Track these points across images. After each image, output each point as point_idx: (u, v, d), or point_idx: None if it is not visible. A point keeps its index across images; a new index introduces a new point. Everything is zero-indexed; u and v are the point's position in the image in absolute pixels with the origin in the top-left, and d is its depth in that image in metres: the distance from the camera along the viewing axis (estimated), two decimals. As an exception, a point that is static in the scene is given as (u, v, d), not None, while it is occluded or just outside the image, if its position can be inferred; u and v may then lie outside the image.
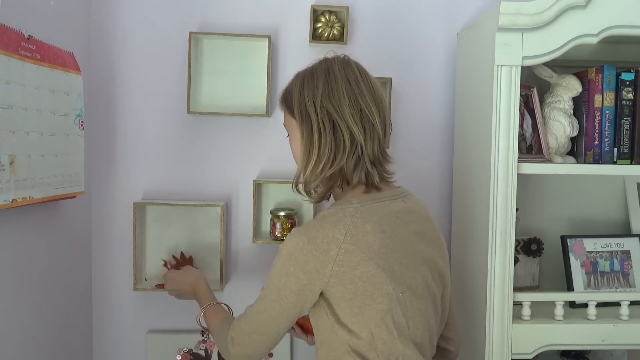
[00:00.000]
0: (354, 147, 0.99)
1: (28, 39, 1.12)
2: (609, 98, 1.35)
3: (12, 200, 1.07)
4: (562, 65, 1.45)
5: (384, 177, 1.05)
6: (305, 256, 0.94)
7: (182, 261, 1.54)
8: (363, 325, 0.95)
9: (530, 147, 1.39)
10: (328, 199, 1.08)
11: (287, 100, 1.06)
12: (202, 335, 1.24)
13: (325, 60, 1.05)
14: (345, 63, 1.03)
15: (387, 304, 0.95)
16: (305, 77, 1.03)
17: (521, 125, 1.35)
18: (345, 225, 0.95)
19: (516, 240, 1.51)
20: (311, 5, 1.54)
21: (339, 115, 0.98)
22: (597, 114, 1.36)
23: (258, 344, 1.04)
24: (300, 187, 1.05)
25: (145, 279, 1.57)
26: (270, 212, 1.57)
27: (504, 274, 1.28)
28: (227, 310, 1.26)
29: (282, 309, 0.98)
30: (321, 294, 0.97)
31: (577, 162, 1.41)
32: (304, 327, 1.29)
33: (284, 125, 1.10)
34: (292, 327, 1.28)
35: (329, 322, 0.98)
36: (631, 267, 1.51)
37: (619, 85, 1.34)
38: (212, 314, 1.20)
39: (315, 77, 1.01)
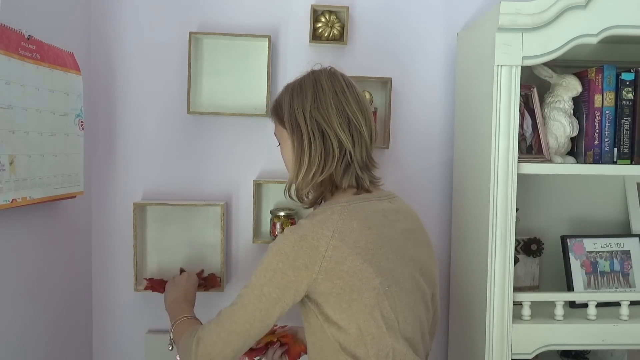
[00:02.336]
0: (342, 154, 1.04)
1: (28, 39, 1.12)
2: (609, 98, 1.35)
3: (12, 200, 1.07)
4: (562, 65, 1.45)
5: (373, 182, 1.10)
6: (296, 252, 0.96)
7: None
8: (351, 320, 0.97)
9: (530, 147, 1.39)
10: (319, 203, 1.11)
11: (277, 111, 1.10)
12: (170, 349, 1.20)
13: (313, 72, 1.09)
14: (332, 75, 1.08)
15: (374, 298, 0.97)
16: (295, 89, 1.07)
17: (521, 125, 1.35)
18: (333, 222, 0.98)
19: (516, 240, 1.51)
20: (311, 5, 1.54)
21: (328, 124, 1.03)
22: (597, 114, 1.36)
23: (226, 343, 0.99)
24: (293, 193, 1.09)
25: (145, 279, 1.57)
26: (270, 212, 1.57)
27: (504, 274, 1.28)
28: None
29: (262, 305, 0.98)
30: (307, 296, 0.99)
31: (577, 162, 1.41)
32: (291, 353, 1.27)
33: (275, 135, 1.14)
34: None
35: (318, 322, 1.00)
36: (631, 267, 1.51)
37: (619, 85, 1.34)
38: (187, 325, 1.15)
39: (304, 89, 1.06)
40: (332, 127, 1.02)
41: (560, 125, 1.38)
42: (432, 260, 1.12)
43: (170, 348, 1.20)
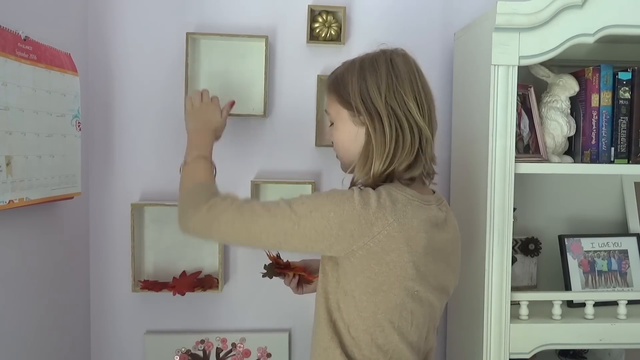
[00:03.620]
0: (417, 145, 0.97)
1: (25, 40, 1.12)
2: (606, 97, 1.35)
3: (9, 201, 1.07)
4: (559, 64, 1.45)
5: (431, 174, 1.04)
6: (351, 215, 0.91)
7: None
8: (370, 305, 0.94)
9: (528, 146, 1.39)
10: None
11: (340, 89, 1.01)
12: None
13: (385, 52, 1.01)
14: (405, 57, 1.01)
15: (402, 297, 0.94)
16: (365, 67, 0.99)
17: (518, 125, 1.35)
18: (397, 211, 0.92)
19: (514, 239, 1.51)
20: (308, 6, 1.54)
21: (406, 111, 0.96)
22: (594, 113, 1.36)
23: (233, 231, 0.97)
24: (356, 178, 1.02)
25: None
26: (268, 212, 1.57)
27: (502, 274, 1.28)
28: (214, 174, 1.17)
29: (290, 230, 0.93)
30: (337, 262, 0.96)
31: (575, 162, 1.41)
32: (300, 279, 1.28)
33: (327, 111, 1.06)
34: (292, 275, 1.27)
35: (334, 284, 0.98)
36: (629, 266, 1.51)
37: (615, 84, 1.34)
38: (203, 168, 1.11)
39: (377, 68, 0.97)
40: (412, 114, 0.95)
41: (557, 125, 1.38)
42: (458, 270, 1.08)
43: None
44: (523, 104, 1.40)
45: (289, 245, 0.95)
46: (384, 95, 0.96)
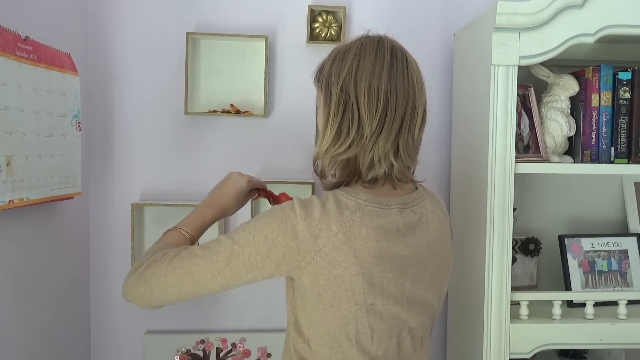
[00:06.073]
0: (360, 136, 0.91)
1: (25, 40, 1.12)
2: (606, 97, 1.35)
3: (9, 201, 1.07)
4: (559, 64, 1.45)
5: (401, 178, 0.95)
6: (294, 232, 0.88)
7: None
8: (323, 321, 0.91)
9: (528, 146, 1.39)
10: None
11: (318, 74, 0.99)
12: None
13: (362, 38, 0.96)
14: (380, 45, 0.94)
15: (354, 313, 0.91)
16: (339, 54, 0.95)
17: (518, 125, 1.35)
18: (342, 220, 0.88)
19: (514, 239, 1.52)
20: (308, 6, 1.54)
21: (355, 99, 0.90)
22: (594, 113, 1.36)
23: (175, 282, 0.90)
24: (318, 169, 0.98)
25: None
26: (268, 212, 1.57)
27: (502, 274, 1.28)
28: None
29: (236, 263, 0.89)
30: (291, 279, 0.93)
31: (575, 162, 1.41)
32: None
33: (317, 101, 1.04)
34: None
35: (292, 301, 0.96)
36: (629, 266, 1.51)
37: (616, 84, 1.34)
38: (169, 239, 1.04)
39: (347, 55, 0.94)
40: (357, 103, 0.90)
41: (557, 125, 1.38)
42: (441, 275, 1.00)
43: None
44: (523, 104, 1.40)
45: (239, 279, 0.91)
46: (344, 79, 0.92)
